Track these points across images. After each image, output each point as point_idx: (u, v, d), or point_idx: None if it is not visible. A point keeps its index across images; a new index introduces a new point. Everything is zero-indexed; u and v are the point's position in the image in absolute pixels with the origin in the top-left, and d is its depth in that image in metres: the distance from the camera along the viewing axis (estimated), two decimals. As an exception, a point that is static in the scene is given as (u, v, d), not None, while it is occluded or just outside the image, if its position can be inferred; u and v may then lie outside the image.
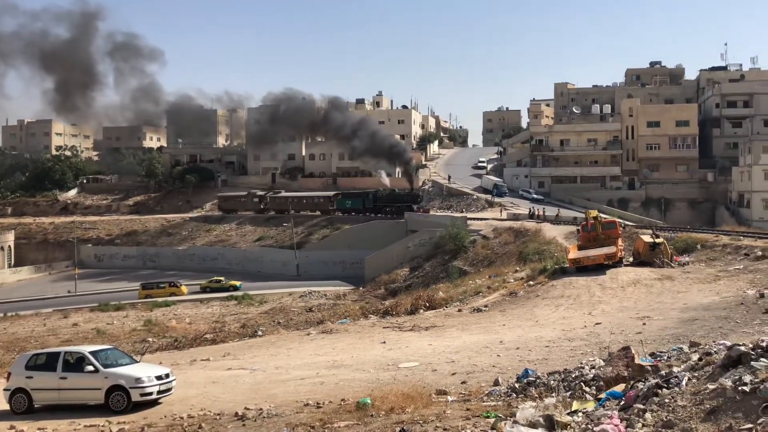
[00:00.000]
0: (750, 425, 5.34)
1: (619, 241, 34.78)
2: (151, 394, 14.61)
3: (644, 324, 20.77)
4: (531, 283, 32.75)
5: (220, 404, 14.46)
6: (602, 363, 12.25)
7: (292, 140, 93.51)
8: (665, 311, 22.77)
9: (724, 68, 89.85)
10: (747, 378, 5.99)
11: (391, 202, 71.27)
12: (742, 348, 6.69)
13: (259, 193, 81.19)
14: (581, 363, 14.05)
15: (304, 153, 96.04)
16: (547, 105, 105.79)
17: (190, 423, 12.92)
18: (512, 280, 35.75)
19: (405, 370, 17.19)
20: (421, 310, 31.90)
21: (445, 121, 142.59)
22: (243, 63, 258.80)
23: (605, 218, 39.74)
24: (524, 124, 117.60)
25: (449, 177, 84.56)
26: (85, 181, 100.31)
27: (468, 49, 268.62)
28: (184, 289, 57.84)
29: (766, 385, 5.66)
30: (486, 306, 29.56)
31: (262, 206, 79.47)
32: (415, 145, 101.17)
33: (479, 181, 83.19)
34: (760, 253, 30.42)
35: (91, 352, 15.41)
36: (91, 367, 14.81)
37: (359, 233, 67.56)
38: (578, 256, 33.37)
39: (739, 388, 5.80)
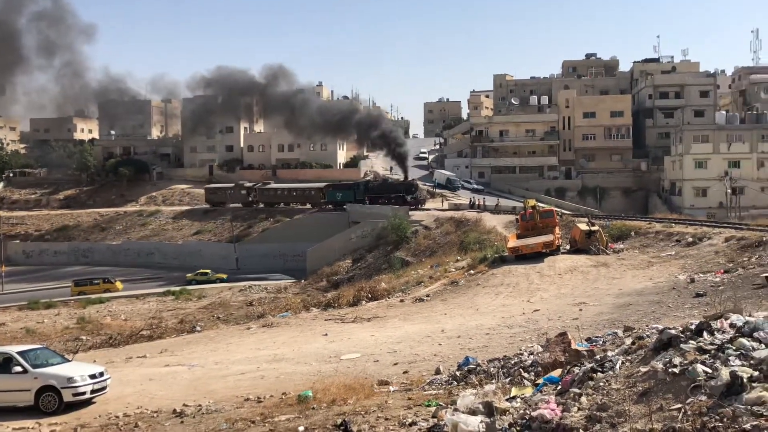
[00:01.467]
0: (679, 405, 5.50)
1: (557, 230, 35.63)
2: (84, 393, 14.08)
3: (581, 310, 21.34)
4: (472, 272, 33.17)
5: (158, 401, 14.04)
6: (540, 349, 12.49)
7: (230, 131, 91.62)
8: (601, 297, 23.44)
9: (657, 60, 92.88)
10: (677, 360, 6.18)
11: (384, 193, 66.07)
12: (673, 331, 6.91)
13: (248, 184, 78.28)
14: (520, 350, 14.32)
15: (242, 144, 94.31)
16: (487, 96, 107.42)
17: (126, 422, 12.49)
18: (453, 270, 36.14)
19: (347, 361, 17.13)
20: (364, 302, 31.89)
21: (387, 112, 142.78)
22: (179, 50, 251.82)
23: (543, 207, 40.60)
24: (465, 115, 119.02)
25: (391, 168, 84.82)
26: (11, 174, 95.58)
27: (409, 39, 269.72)
28: (119, 284, 56.03)
29: (694, 366, 5.85)
30: (428, 296, 29.79)
31: (250, 198, 76.67)
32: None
33: (421, 173, 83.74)
34: (690, 239, 31.59)
35: (19, 352, 14.76)
36: (19, 368, 14.16)
37: (301, 226, 66.95)
38: (517, 244, 34.02)
39: (669, 370, 5.98)
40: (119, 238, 75.14)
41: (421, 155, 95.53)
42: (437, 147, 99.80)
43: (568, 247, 35.11)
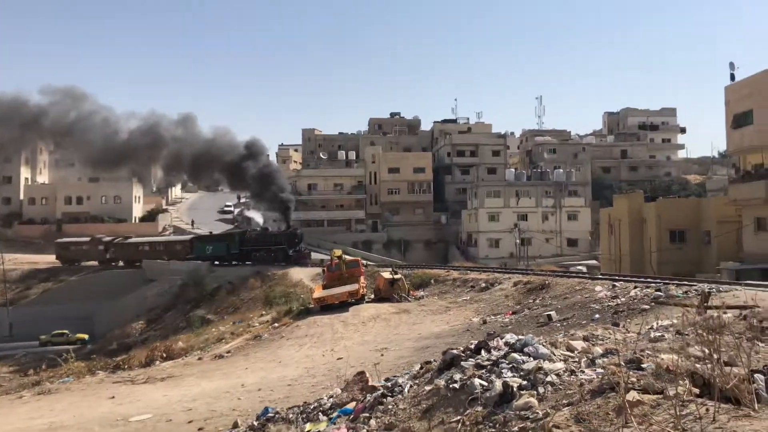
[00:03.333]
0: (458, 417, 5.71)
1: (362, 279, 36.50)
2: None
3: (382, 355, 21.76)
4: (276, 325, 32.56)
5: None
6: (339, 391, 12.43)
7: (8, 181, 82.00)
8: (401, 342, 24.15)
9: (454, 121, 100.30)
10: (457, 376, 6.46)
11: (263, 245, 56.99)
12: (455, 351, 7.25)
13: (106, 239, 68.74)
14: (321, 396, 14.16)
15: (22, 197, 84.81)
16: (296, 150, 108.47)
17: None
18: (257, 324, 35.18)
19: (136, 423, 15.59)
20: (158, 362, 29.62)
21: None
22: None
23: (349, 258, 41.50)
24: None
25: (192, 222, 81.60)
26: None
27: (221, 88, 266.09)
28: None
29: (472, 381, 6.15)
30: (229, 352, 28.54)
31: (108, 255, 67.01)
32: (155, 189, 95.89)
33: (226, 226, 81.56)
34: (483, 284, 33.72)
35: None
36: None
37: (89, 284, 61.06)
38: (322, 295, 34.21)
39: (451, 386, 6.23)
40: None
41: (226, 208, 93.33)
42: (246, 200, 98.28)
43: (372, 296, 36.05)
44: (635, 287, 22.87)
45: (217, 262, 57.93)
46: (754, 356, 7.18)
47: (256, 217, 70.18)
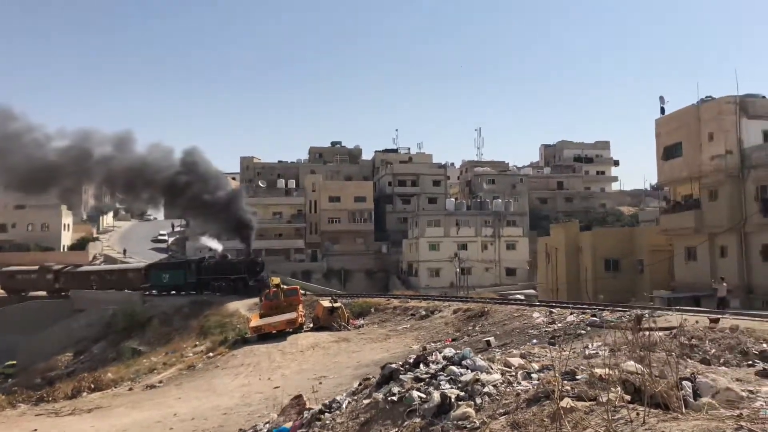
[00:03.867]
0: (396, 429, 5.63)
1: (301, 307, 35.97)
2: None
3: (320, 383, 21.41)
4: (211, 355, 31.66)
5: None
6: (275, 416, 12.15)
7: None
8: (340, 370, 23.88)
9: (395, 151, 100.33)
10: (395, 389, 6.39)
11: (222, 273, 52.47)
12: (393, 366, 7.19)
13: (55, 267, 63.14)
14: (257, 423, 13.79)
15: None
16: (234, 178, 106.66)
17: None
18: (191, 354, 34.08)
19: (58, 457, 14.75)
20: (85, 393, 28.24)
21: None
22: None
23: (287, 287, 40.83)
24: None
25: (125, 251, 78.95)
26: None
27: (152, 112, 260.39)
28: None
29: (410, 393, 6.10)
30: (161, 382, 27.53)
31: (57, 285, 61.40)
32: (85, 217, 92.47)
33: (160, 255, 79.18)
34: (424, 312, 33.83)
35: None
36: None
37: (9, 316, 57.74)
38: (260, 323, 33.50)
39: (389, 398, 6.16)
40: None
41: (160, 237, 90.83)
42: (181, 228, 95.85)
43: (312, 324, 35.55)
44: (571, 313, 23.42)
45: (173, 292, 55.34)
46: (683, 370, 7.42)
47: (212, 244, 66.67)
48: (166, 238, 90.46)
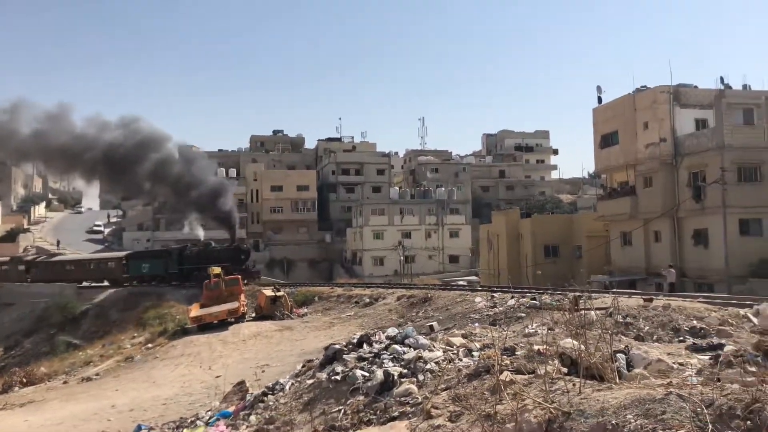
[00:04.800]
0: (340, 407, 5.64)
1: (242, 297, 35.50)
2: None
3: (263, 371, 21.27)
4: (149, 346, 30.99)
5: None
6: (218, 404, 11.97)
7: None
8: (284, 358, 23.75)
9: (339, 140, 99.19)
10: (339, 368, 6.40)
11: (205, 262, 47.27)
12: (337, 346, 7.19)
13: (28, 257, 58.67)
14: (199, 411, 13.56)
15: None
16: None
17: None
18: (129, 346, 33.24)
19: (-12, 454, 14.16)
20: (17, 388, 27.19)
21: (56, 181, 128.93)
22: None
23: (228, 277, 40.15)
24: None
25: (58, 242, 75.99)
26: None
27: (92, 103, 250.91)
28: None
29: (353, 372, 6.11)
30: (98, 374, 26.75)
31: (29, 277, 56.70)
32: (15, 208, 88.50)
33: (95, 246, 76.67)
34: (368, 300, 33.97)
35: None
36: None
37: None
38: (200, 313, 32.91)
39: (332, 378, 6.16)
40: None
41: (95, 228, 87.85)
42: (117, 219, 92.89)
43: (254, 314, 35.18)
44: (512, 297, 23.95)
45: (154, 283, 52.84)
46: (618, 345, 7.70)
47: (197, 231, 63.21)
48: (101, 229, 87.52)
